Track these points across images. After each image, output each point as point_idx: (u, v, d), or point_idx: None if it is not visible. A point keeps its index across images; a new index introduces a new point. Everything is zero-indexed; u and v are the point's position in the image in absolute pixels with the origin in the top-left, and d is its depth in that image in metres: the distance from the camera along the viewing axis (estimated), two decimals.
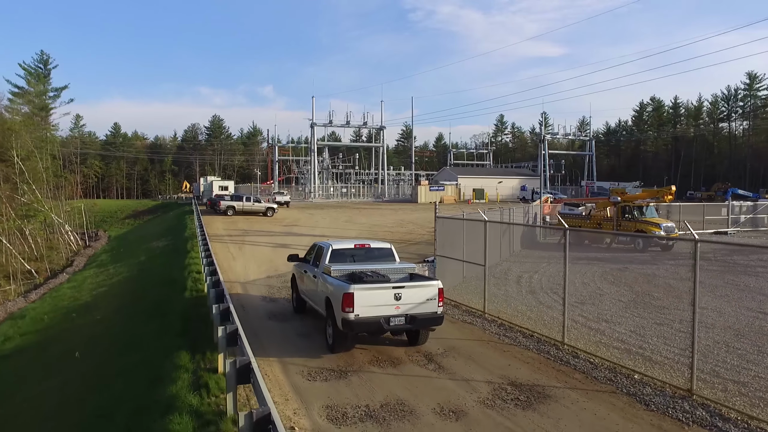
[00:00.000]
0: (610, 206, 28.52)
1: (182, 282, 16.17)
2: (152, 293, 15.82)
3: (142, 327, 11.87)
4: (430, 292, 9.69)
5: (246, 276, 18.75)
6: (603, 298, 15.09)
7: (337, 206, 58.90)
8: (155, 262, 22.64)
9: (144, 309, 14.01)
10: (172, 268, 19.03)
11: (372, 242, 12.16)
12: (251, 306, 13.84)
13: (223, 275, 17.39)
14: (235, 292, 15.17)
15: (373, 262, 11.14)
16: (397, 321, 9.40)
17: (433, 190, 70.96)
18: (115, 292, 19.67)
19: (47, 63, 57.64)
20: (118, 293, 19.30)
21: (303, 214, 46.80)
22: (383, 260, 11.41)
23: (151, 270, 21.11)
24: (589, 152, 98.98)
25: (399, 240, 30.15)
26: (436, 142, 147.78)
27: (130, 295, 17.93)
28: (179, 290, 14.77)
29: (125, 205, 73.09)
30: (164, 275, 18.06)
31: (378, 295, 9.36)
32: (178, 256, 21.88)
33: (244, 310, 13.28)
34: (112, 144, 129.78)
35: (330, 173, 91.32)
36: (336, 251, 11.26)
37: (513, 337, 11.20)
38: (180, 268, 18.58)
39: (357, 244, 11.68)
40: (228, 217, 40.52)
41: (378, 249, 11.75)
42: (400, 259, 12.05)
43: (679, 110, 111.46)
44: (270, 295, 15.27)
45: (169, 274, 17.98)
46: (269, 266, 19.55)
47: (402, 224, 39.33)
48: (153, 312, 12.88)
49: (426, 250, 26.14)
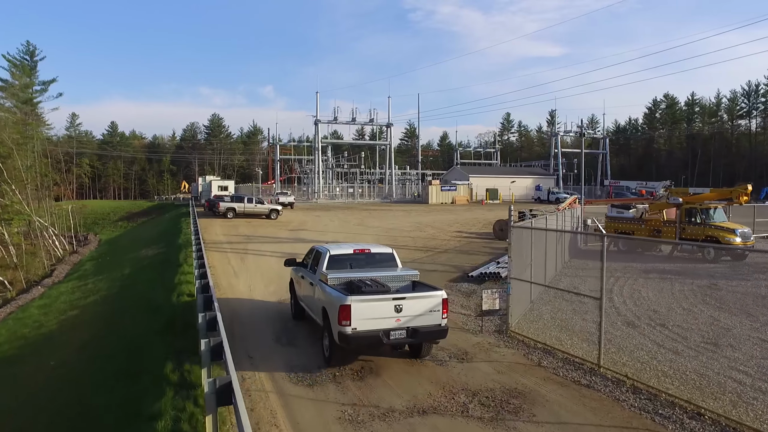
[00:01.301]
0: (668, 208, 24.70)
1: (168, 311, 12.35)
2: (129, 328, 12.04)
3: (102, 395, 8.02)
4: (433, 302, 9.15)
5: (251, 297, 14.94)
6: (729, 334, 11.27)
7: (344, 207, 55.08)
8: (140, 278, 18.80)
9: (114, 353, 10.21)
10: (159, 288, 15.21)
11: (373, 247, 11.48)
12: (263, 357, 9.97)
13: (223, 297, 13.60)
14: (238, 330, 11.37)
15: (373, 269, 10.54)
16: (397, 334, 8.86)
17: (445, 190, 67.10)
18: (86, 318, 15.93)
19: (33, 55, 53.85)
20: (89, 320, 15.54)
21: (309, 216, 42.98)
22: (384, 266, 10.81)
23: (133, 288, 17.29)
24: (603, 150, 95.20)
25: (423, 247, 26.34)
26: (440, 141, 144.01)
27: (102, 323, 14.19)
28: (163, 326, 10.94)
29: (119, 206, 69.14)
30: (147, 299, 14.25)
31: (377, 306, 8.82)
32: (167, 271, 18.07)
33: (252, 361, 9.51)
34: (109, 143, 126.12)
35: (334, 173, 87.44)
36: (334, 257, 10.63)
37: (680, 421, 7.09)
38: (168, 289, 14.76)
39: (356, 249, 11.05)
40: (228, 220, 36.69)
41: (379, 254, 11.11)
42: (425, 270, 11.46)
43: (693, 107, 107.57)
44: (288, 337, 11.29)
45: (154, 297, 14.16)
46: (279, 285, 15.74)
47: (420, 228, 35.51)
48: (124, 364, 9.07)
49: (459, 261, 22.30)
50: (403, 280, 10.26)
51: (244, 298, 14.90)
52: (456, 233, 32.78)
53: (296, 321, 12.17)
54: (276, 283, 16.28)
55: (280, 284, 16.00)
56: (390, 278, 10.11)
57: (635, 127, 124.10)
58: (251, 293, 15.41)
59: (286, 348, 10.45)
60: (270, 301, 14.42)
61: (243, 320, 12.46)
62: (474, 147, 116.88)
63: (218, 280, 16.79)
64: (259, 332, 11.50)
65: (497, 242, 28.72)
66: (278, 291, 15.28)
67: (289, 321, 12.42)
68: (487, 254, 24.52)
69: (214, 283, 16.01)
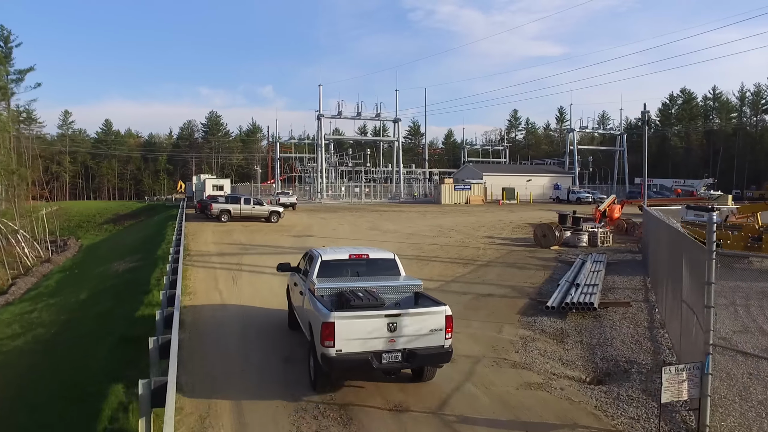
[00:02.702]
0: (764, 210, 19.85)
1: (103, 388, 7.44)
2: (46, 409, 7.16)
3: None
4: (434, 320, 7.84)
5: (245, 357, 9.91)
6: None
7: (351, 208, 50.15)
8: (90, 312, 13.75)
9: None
10: (105, 336, 10.31)
11: (371, 251, 10.15)
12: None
13: (199, 348, 8.81)
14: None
15: (371, 277, 9.26)
16: (391, 357, 7.58)
17: (459, 189, 62.11)
18: (5, 371, 11.05)
19: (8, 40, 48.77)
20: (7, 375, 10.66)
21: (314, 218, 38.09)
22: (384, 274, 9.49)
23: (76, 329, 12.35)
24: (620, 147, 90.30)
25: (459, 259, 21.44)
26: (445, 139, 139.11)
27: (14, 389, 9.33)
28: None
29: (106, 207, 63.80)
30: (84, 356, 9.34)
31: (367, 324, 7.53)
32: (130, 299, 13.21)
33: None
34: (103, 142, 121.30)
35: (338, 171, 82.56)
36: (326, 263, 9.43)
37: None
38: (117, 335, 9.81)
39: (353, 254, 9.75)
40: (221, 224, 31.78)
41: (379, 260, 9.83)
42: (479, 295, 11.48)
43: (716, 101, 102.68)
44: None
45: (94, 352, 9.24)
46: (285, 326, 10.91)
47: (443, 232, 30.61)
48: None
49: (513, 278, 17.39)
50: (404, 291, 9.06)
51: (231, 352, 9.98)
52: (487, 239, 27.91)
53: (292, 331, 10.64)
54: (280, 320, 11.41)
55: (285, 321, 11.13)
56: (389, 289, 8.93)
57: (648, 124, 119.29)
58: (245, 348, 10.42)
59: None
60: (272, 364, 9.44)
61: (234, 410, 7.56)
62: (481, 145, 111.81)
63: (198, 315, 11.90)
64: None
65: (542, 251, 23.98)
66: (283, 339, 10.37)
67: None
68: (539, 267, 19.66)
69: (192, 320, 11.11)
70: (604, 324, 11.83)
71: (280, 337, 10.73)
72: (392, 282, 9.13)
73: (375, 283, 8.87)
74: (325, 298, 8.40)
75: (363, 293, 8.32)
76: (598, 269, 18.20)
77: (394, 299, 8.80)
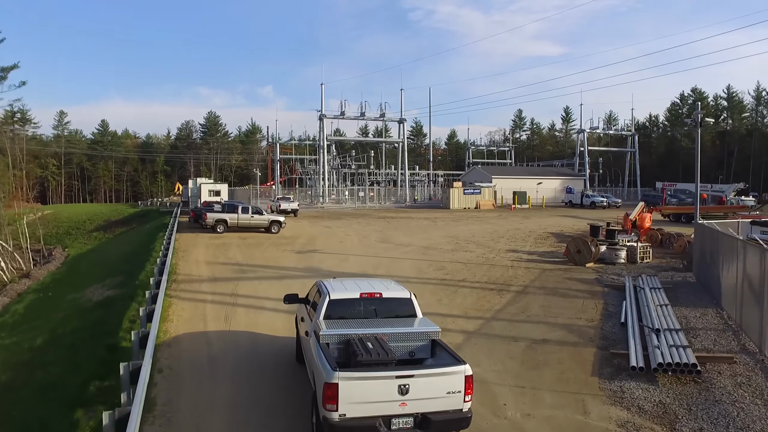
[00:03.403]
0: None
1: None
2: None
3: None
4: (452, 382, 6.87)
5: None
6: None
7: (356, 214, 47.22)
8: (38, 376, 10.66)
9: None
10: None
11: (385, 289, 8.96)
12: None
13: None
14: None
15: (383, 320, 8.36)
16: (401, 423, 6.73)
17: (468, 193, 59.08)
18: None
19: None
20: None
21: (317, 227, 35.17)
22: (399, 316, 8.58)
23: (8, 410, 9.32)
24: (631, 148, 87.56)
25: (489, 283, 18.53)
26: (448, 140, 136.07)
27: None
28: None
29: (97, 213, 60.30)
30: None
31: (375, 386, 6.66)
32: (88, 358, 10.26)
33: None
34: (99, 143, 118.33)
35: (340, 174, 79.60)
36: (335, 302, 8.46)
37: None
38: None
39: (364, 293, 8.68)
40: (217, 236, 28.84)
41: (393, 300, 8.76)
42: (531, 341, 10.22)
43: (720, 102, 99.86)
44: None
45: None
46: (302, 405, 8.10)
47: (460, 244, 27.70)
48: None
49: (563, 314, 14.46)
50: (420, 339, 7.97)
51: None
52: (511, 254, 25.03)
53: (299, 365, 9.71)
54: (296, 396, 8.50)
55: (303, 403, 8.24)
56: (403, 336, 7.89)
57: (655, 124, 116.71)
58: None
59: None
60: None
61: None
62: (486, 145, 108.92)
63: (176, 391, 8.95)
64: None
65: (577, 269, 21.22)
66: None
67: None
68: (586, 295, 16.78)
69: (167, 400, 8.20)
70: (716, 395, 8.92)
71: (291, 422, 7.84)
72: (407, 328, 8.15)
73: (387, 329, 7.93)
74: (331, 347, 7.57)
75: (373, 343, 7.37)
76: (662, 300, 15.31)
77: (408, 348, 7.95)
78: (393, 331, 7.92)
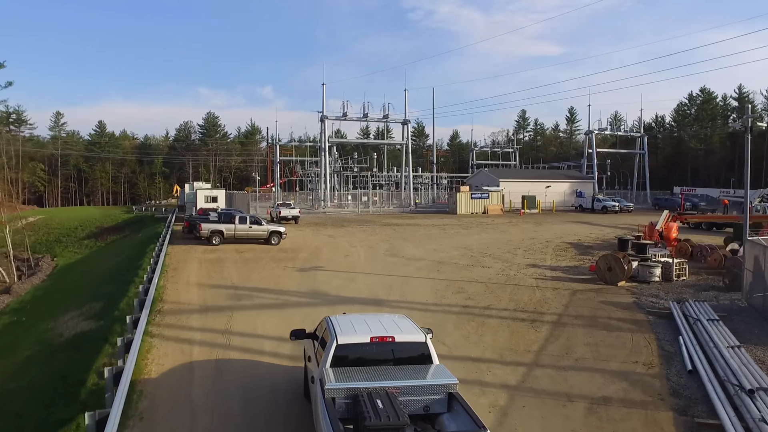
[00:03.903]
0: None
1: None
2: None
3: None
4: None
5: None
6: None
7: (359, 221, 44.99)
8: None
9: None
10: None
11: (399, 331, 8.14)
12: None
13: None
14: None
15: (395, 368, 7.67)
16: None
17: (476, 197, 56.88)
18: None
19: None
20: None
21: (320, 236, 32.95)
22: (413, 363, 7.87)
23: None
24: (641, 150, 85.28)
25: (518, 309, 16.37)
26: (450, 141, 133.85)
27: None
28: None
29: (90, 218, 57.81)
30: None
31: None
32: None
33: None
34: (96, 144, 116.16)
35: (342, 176, 77.41)
36: (342, 347, 7.77)
37: None
38: None
39: (375, 338, 7.94)
40: (212, 248, 26.62)
41: (406, 345, 7.97)
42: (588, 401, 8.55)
43: (730, 103, 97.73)
44: None
45: None
46: None
47: (476, 258, 25.50)
48: None
49: (613, 355, 12.26)
50: (436, 392, 7.22)
51: None
52: (532, 269, 22.88)
53: None
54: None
55: None
56: (417, 390, 7.20)
57: (662, 125, 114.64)
58: None
59: None
60: None
61: None
62: (490, 147, 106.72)
63: None
64: None
65: (610, 290, 19.24)
66: None
67: None
68: (631, 327, 14.61)
69: None
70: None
71: None
72: (421, 381, 7.42)
73: (400, 382, 7.27)
74: (337, 401, 6.97)
75: (383, 401, 6.69)
76: (730, 339, 13.02)
77: (422, 402, 7.27)
78: (406, 384, 7.26)
